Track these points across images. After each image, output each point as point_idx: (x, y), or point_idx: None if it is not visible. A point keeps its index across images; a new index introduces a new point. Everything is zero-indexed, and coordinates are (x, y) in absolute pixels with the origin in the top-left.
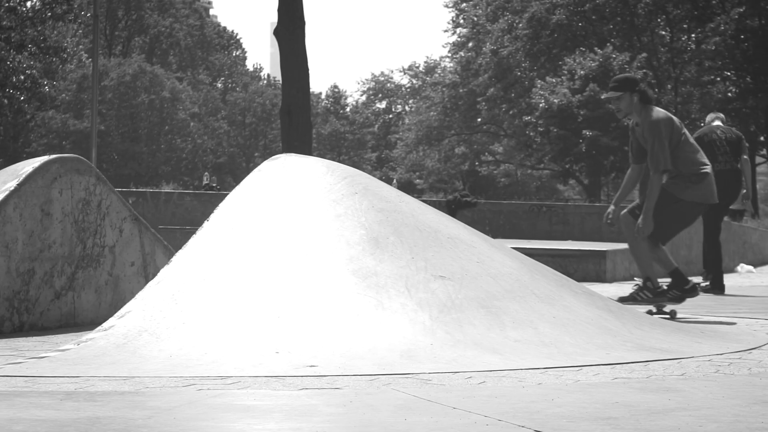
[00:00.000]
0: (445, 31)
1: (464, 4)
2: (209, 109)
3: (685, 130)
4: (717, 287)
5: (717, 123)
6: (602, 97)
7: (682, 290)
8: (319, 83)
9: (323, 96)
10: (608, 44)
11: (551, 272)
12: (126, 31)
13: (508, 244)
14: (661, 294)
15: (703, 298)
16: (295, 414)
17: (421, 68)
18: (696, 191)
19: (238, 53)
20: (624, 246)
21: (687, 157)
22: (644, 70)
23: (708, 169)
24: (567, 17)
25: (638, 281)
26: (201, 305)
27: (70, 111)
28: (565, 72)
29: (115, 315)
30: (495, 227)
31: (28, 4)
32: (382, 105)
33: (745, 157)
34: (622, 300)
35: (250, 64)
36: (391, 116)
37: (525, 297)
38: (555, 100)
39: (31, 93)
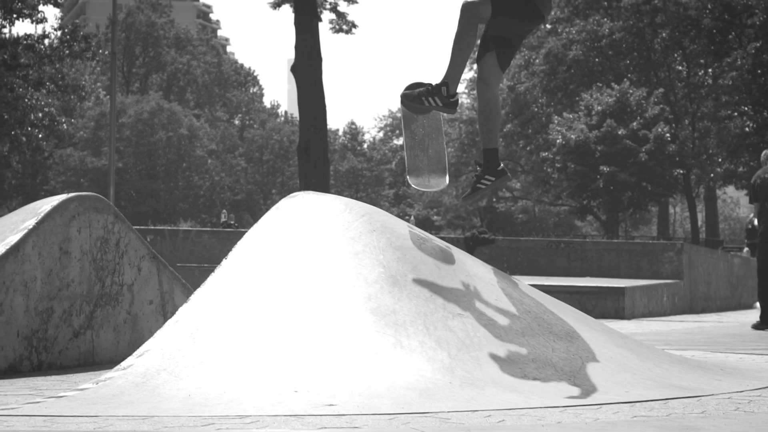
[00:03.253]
0: None
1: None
2: (227, 146)
3: None
4: (766, 323)
5: None
6: None
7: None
8: (336, 120)
9: (340, 133)
10: (625, 79)
11: (570, 309)
12: (143, 69)
13: (527, 281)
14: (451, 105)
15: (722, 335)
16: None
17: None
18: None
19: (255, 90)
20: (643, 282)
21: None
22: (661, 105)
23: None
24: (583, 53)
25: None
26: (220, 344)
27: (88, 148)
28: (582, 108)
29: (134, 354)
30: (513, 264)
31: (46, 41)
32: (400, 141)
33: None
34: (405, 96)
35: (267, 101)
36: None
37: (544, 335)
38: (572, 136)
39: (49, 131)
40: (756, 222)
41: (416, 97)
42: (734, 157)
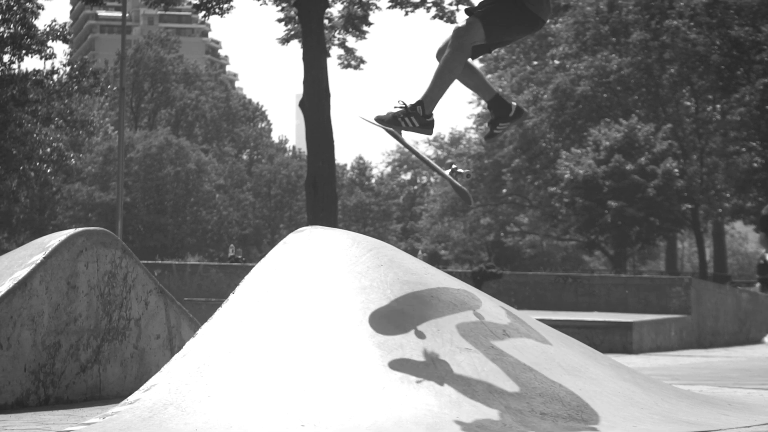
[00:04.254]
0: (470, 102)
1: (489, 76)
2: (235, 180)
3: None
4: None
5: None
6: None
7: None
8: (344, 155)
9: (348, 167)
10: (633, 115)
11: (577, 344)
12: (152, 104)
13: (534, 316)
14: (428, 126)
15: (730, 369)
16: None
17: (446, 139)
18: None
19: (263, 125)
20: (651, 317)
21: None
22: (669, 141)
23: None
24: (591, 88)
25: (401, 104)
26: (227, 378)
27: (96, 183)
28: (590, 143)
29: (141, 388)
30: (521, 298)
31: (55, 77)
32: (407, 176)
33: None
34: (380, 119)
35: (275, 136)
36: (416, 187)
37: (551, 369)
38: (580, 171)
39: (57, 165)
40: (767, 257)
41: (392, 119)
42: (742, 192)
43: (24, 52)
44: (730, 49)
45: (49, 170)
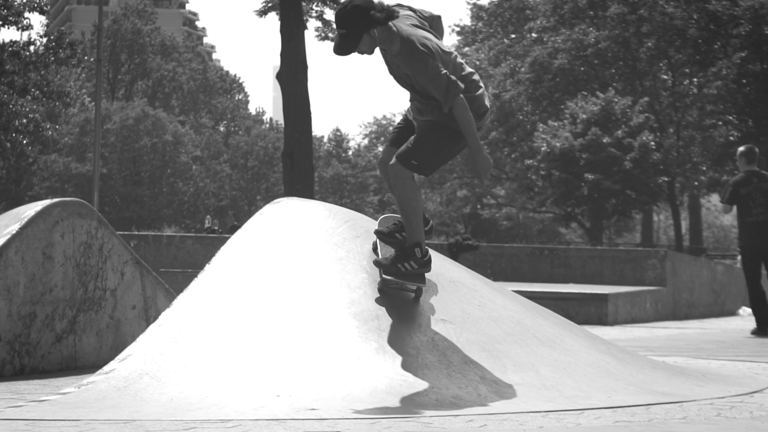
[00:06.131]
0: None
1: (466, 49)
2: (211, 152)
3: None
4: (762, 330)
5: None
6: None
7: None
8: (321, 127)
9: (325, 139)
10: (610, 88)
11: (553, 315)
12: (129, 75)
13: (510, 288)
14: (428, 265)
15: (705, 341)
16: None
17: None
18: None
19: (240, 97)
20: (627, 289)
21: None
22: (646, 114)
23: None
24: (569, 62)
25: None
26: (202, 348)
27: (73, 154)
28: (567, 116)
29: (117, 358)
30: (497, 270)
31: (32, 48)
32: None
33: None
34: (381, 267)
35: (252, 108)
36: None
37: (526, 340)
38: (557, 144)
39: (33, 137)
40: None
41: (391, 265)
42: (718, 165)
43: (0, 23)
44: (707, 23)
45: (25, 141)
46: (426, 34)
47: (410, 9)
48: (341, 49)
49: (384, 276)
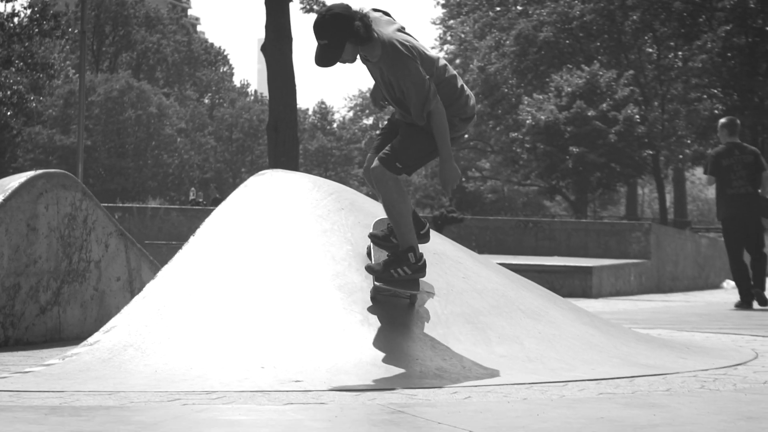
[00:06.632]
0: (433, 47)
1: (452, 21)
2: (196, 124)
3: None
4: (745, 303)
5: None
6: None
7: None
8: (306, 99)
9: (310, 112)
10: (595, 61)
11: (537, 288)
12: (113, 47)
13: (495, 260)
14: (422, 270)
15: (688, 314)
16: (281, 429)
17: None
18: None
19: (225, 69)
20: (611, 261)
21: None
22: (631, 87)
23: None
24: (554, 34)
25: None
26: (187, 320)
27: (57, 126)
28: (552, 89)
29: (101, 330)
30: (481, 243)
31: (16, 20)
32: (369, 121)
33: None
34: (374, 274)
35: (237, 80)
36: (378, 132)
37: (511, 313)
38: (542, 117)
39: (17, 108)
40: None
41: (383, 271)
42: (703, 139)
43: None
44: None
45: (9, 113)
46: (407, 37)
47: (387, 15)
48: (323, 61)
49: (376, 283)
